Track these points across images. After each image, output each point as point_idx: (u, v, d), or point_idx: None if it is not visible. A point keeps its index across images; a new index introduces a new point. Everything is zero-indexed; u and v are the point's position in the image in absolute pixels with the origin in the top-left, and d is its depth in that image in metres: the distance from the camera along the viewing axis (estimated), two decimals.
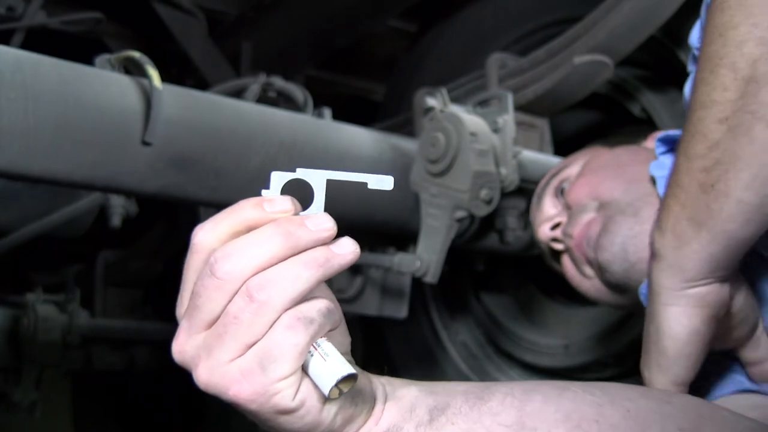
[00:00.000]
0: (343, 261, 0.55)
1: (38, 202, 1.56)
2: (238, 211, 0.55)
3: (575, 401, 0.63)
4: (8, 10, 1.65)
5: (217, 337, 0.54)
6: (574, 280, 1.11)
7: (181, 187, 1.19)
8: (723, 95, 0.70)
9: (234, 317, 0.53)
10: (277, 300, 0.53)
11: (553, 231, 1.12)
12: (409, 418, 0.61)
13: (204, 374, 0.55)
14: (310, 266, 0.54)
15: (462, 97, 1.60)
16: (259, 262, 0.53)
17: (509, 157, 1.39)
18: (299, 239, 0.54)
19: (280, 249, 0.53)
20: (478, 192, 1.33)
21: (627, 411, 0.63)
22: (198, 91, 1.27)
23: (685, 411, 0.65)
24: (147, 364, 2.11)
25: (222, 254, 0.53)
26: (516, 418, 0.61)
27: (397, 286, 1.60)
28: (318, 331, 0.54)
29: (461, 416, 0.61)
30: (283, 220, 0.54)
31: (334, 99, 1.67)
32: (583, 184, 1.09)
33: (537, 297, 1.87)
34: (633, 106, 1.65)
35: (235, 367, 0.54)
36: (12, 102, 0.99)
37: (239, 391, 0.54)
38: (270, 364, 0.53)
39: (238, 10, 2.12)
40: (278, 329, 0.53)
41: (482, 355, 1.85)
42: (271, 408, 0.55)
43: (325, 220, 0.55)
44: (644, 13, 1.41)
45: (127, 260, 2.09)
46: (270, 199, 0.56)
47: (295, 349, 0.53)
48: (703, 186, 0.72)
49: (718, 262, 0.74)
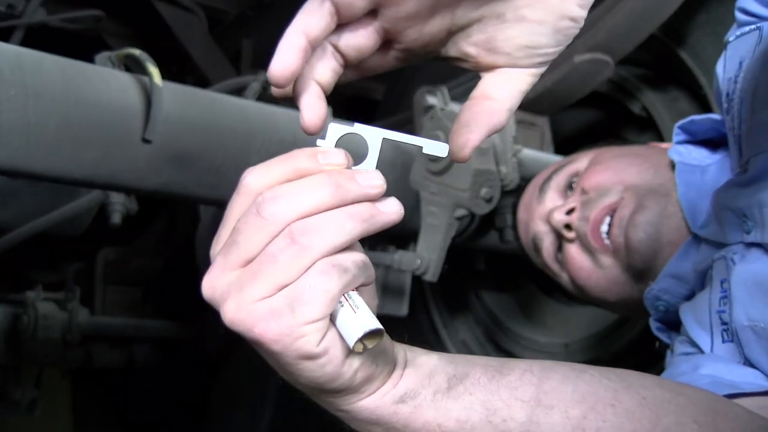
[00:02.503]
0: (388, 219, 0.56)
1: (38, 200, 1.56)
2: (292, 160, 0.56)
3: (592, 384, 0.63)
4: (8, 8, 1.64)
5: (251, 275, 0.53)
6: (581, 272, 1.07)
7: (181, 185, 1.19)
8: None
9: (272, 256, 0.53)
10: (318, 246, 0.53)
11: (568, 216, 1.08)
12: (427, 384, 0.61)
13: (231, 310, 0.54)
14: (354, 218, 0.54)
15: (462, 96, 1.60)
16: (306, 208, 0.53)
17: (509, 155, 1.39)
18: (348, 192, 0.54)
19: (328, 199, 0.54)
20: (478, 190, 1.33)
21: (643, 398, 0.63)
22: (198, 89, 1.27)
23: (700, 404, 0.65)
24: (147, 361, 2.11)
25: (271, 195, 0.54)
26: (533, 394, 0.61)
27: (398, 284, 1.60)
28: (351, 281, 0.54)
29: (479, 387, 0.61)
30: (334, 172, 0.55)
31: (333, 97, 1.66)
32: (603, 170, 1.07)
33: (537, 296, 1.87)
34: (633, 104, 1.65)
35: (264, 306, 0.53)
36: (12, 99, 0.99)
37: (265, 330, 0.53)
38: (300, 306, 0.53)
39: (239, 8, 2.12)
40: (312, 273, 0.53)
41: (482, 353, 1.85)
42: (294, 351, 0.54)
43: (375, 176, 0.55)
44: (644, 12, 1.41)
45: (127, 258, 2.09)
46: (324, 151, 0.56)
47: (326, 294, 0.53)
48: None
49: None
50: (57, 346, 1.89)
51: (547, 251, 1.14)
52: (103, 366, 2.06)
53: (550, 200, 1.13)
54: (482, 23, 0.57)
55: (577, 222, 1.07)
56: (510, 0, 0.56)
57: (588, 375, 0.64)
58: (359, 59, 0.58)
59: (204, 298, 0.56)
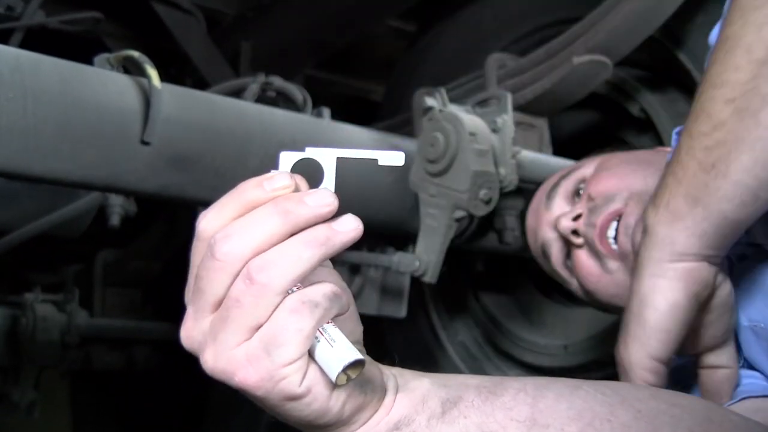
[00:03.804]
0: (345, 238, 0.53)
1: (37, 202, 1.56)
2: (240, 193, 0.55)
3: (587, 400, 0.63)
4: (7, 10, 1.64)
5: (221, 322, 0.53)
6: (590, 278, 1.08)
7: (180, 187, 1.19)
8: (734, 76, 0.69)
9: (236, 300, 0.52)
10: (277, 281, 0.52)
11: (575, 222, 1.08)
12: (421, 410, 0.60)
13: (210, 360, 0.54)
14: (310, 245, 0.52)
15: (461, 97, 1.60)
16: (258, 242, 0.52)
17: (508, 157, 1.39)
18: (298, 216, 0.53)
19: (279, 227, 0.52)
20: (477, 192, 1.33)
21: (638, 411, 0.62)
22: (197, 91, 1.27)
23: (695, 413, 0.65)
24: (146, 363, 2.11)
25: (221, 235, 0.53)
26: (529, 414, 0.61)
27: (396, 285, 1.60)
28: (324, 315, 0.53)
29: (474, 410, 0.61)
30: (281, 198, 0.53)
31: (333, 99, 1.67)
32: (610, 176, 1.07)
33: (536, 297, 1.87)
34: (632, 106, 1.65)
35: (240, 352, 0.53)
36: (11, 101, 0.99)
37: (245, 377, 0.53)
38: (275, 349, 0.52)
39: (237, 9, 2.12)
40: (282, 313, 0.52)
41: (481, 355, 1.85)
42: (277, 394, 0.54)
43: (324, 195, 0.53)
44: (643, 13, 1.41)
45: (126, 260, 2.09)
46: (269, 177, 0.54)
47: (300, 333, 0.52)
48: (702, 164, 0.72)
49: (709, 240, 0.74)
50: (56, 347, 1.89)
51: (556, 258, 1.14)
52: (102, 368, 2.06)
53: (557, 207, 1.14)
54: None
55: (584, 228, 1.07)
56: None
57: (583, 391, 0.63)
58: None
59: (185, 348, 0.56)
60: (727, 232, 0.74)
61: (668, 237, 0.75)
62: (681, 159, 0.74)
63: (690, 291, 0.76)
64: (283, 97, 1.49)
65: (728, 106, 0.70)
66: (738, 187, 0.70)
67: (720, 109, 0.70)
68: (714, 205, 0.72)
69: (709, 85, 0.72)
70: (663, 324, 0.76)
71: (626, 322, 0.79)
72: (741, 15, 0.70)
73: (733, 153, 0.70)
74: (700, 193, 0.72)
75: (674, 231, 0.75)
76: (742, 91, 0.69)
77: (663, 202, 0.76)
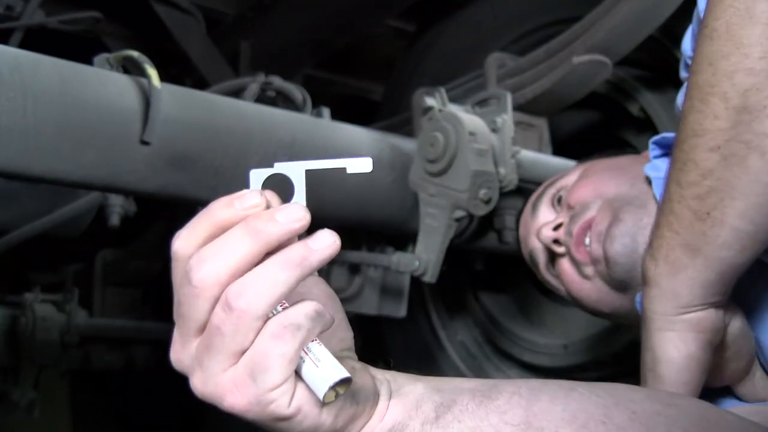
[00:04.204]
0: (322, 256, 0.52)
1: (37, 202, 1.56)
2: (211, 213, 0.54)
3: (582, 402, 0.62)
4: (7, 9, 1.64)
5: (206, 348, 0.53)
6: (573, 285, 1.09)
7: (180, 187, 1.19)
8: (714, 123, 0.70)
9: (217, 328, 0.52)
10: (256, 306, 0.52)
11: (556, 231, 1.10)
12: (414, 415, 0.60)
13: (199, 384, 0.55)
14: (286, 267, 0.52)
15: (461, 97, 1.60)
16: (233, 266, 0.52)
17: (508, 156, 1.39)
18: (270, 235, 0.52)
19: (251, 248, 0.52)
20: (476, 192, 1.33)
21: (633, 413, 0.62)
22: (197, 91, 1.27)
23: (690, 414, 0.65)
24: (146, 363, 2.11)
25: (195, 261, 0.52)
26: (523, 417, 0.61)
27: (396, 285, 1.60)
28: (307, 336, 0.53)
29: (468, 414, 0.61)
30: (251, 218, 0.53)
31: (332, 98, 1.67)
32: (586, 185, 1.08)
33: (536, 297, 1.87)
34: (631, 105, 1.65)
35: (227, 378, 0.53)
36: (11, 101, 0.99)
37: (234, 402, 0.54)
38: (260, 374, 0.52)
39: (237, 9, 2.12)
40: (265, 338, 0.52)
41: (481, 354, 1.85)
42: (267, 416, 0.54)
43: (294, 210, 0.53)
44: (643, 13, 1.41)
45: (126, 260, 2.09)
46: (240, 196, 0.54)
47: (283, 358, 0.52)
48: (698, 214, 0.72)
49: (713, 287, 0.75)
50: (55, 347, 1.89)
51: (542, 266, 1.15)
52: (102, 368, 2.06)
53: (542, 216, 1.15)
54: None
55: (564, 237, 1.08)
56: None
57: (577, 393, 0.63)
58: None
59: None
60: (729, 277, 0.74)
61: (671, 290, 0.76)
62: (674, 209, 0.74)
63: (701, 340, 0.76)
64: (282, 97, 1.49)
65: (714, 154, 0.70)
66: (736, 233, 0.71)
67: (706, 157, 0.71)
68: (714, 253, 0.72)
69: (690, 133, 0.72)
70: (680, 378, 0.77)
71: (643, 377, 0.80)
72: (709, 63, 0.70)
73: (726, 200, 0.70)
74: (699, 243, 0.73)
75: (677, 283, 0.75)
76: (724, 139, 0.69)
77: (662, 254, 0.76)
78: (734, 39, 0.68)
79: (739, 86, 0.68)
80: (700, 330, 0.76)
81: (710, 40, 0.70)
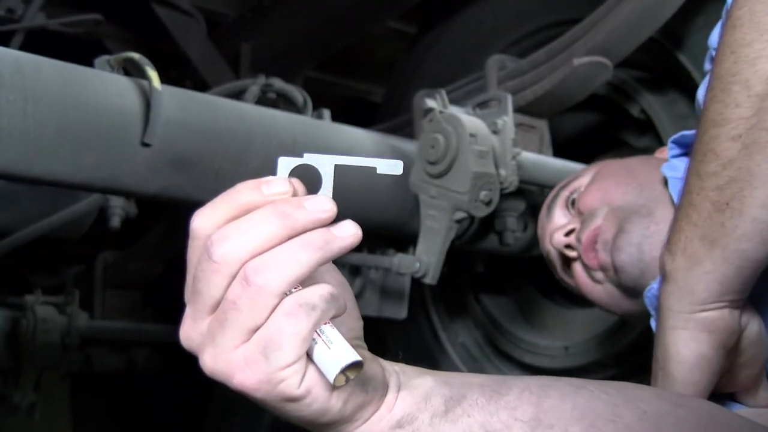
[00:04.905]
0: (344, 243, 0.53)
1: (38, 204, 1.56)
2: (236, 195, 0.55)
3: (591, 400, 0.62)
4: (8, 12, 1.64)
5: (219, 324, 0.53)
6: (586, 288, 1.09)
7: (181, 189, 1.19)
8: (736, 112, 0.69)
9: (233, 303, 0.52)
10: (274, 283, 0.52)
11: (567, 237, 1.10)
12: (424, 407, 0.60)
13: (209, 361, 0.54)
14: (308, 248, 0.52)
15: (461, 99, 1.60)
16: (256, 244, 0.52)
17: (509, 158, 1.39)
18: (296, 221, 0.52)
19: (277, 230, 0.52)
20: (477, 193, 1.33)
21: (643, 412, 0.62)
22: (197, 93, 1.27)
23: (699, 415, 0.65)
24: (146, 365, 2.11)
25: (218, 237, 0.53)
26: (533, 413, 0.60)
27: (397, 287, 1.60)
28: (321, 317, 0.53)
29: (477, 408, 0.60)
30: (280, 202, 0.53)
31: (333, 100, 1.67)
32: (595, 190, 1.08)
33: (536, 298, 1.87)
34: (632, 107, 1.65)
35: (238, 355, 0.53)
36: (11, 104, 0.99)
37: (244, 379, 0.53)
38: (273, 352, 0.52)
39: (237, 11, 2.12)
40: (279, 316, 0.52)
41: (482, 356, 1.85)
42: (276, 396, 0.54)
43: (324, 201, 0.53)
44: (643, 14, 1.41)
45: (127, 262, 2.09)
46: (267, 181, 0.54)
47: (297, 336, 0.52)
48: (717, 204, 0.71)
49: (730, 284, 0.73)
50: (56, 349, 1.89)
51: (558, 268, 1.16)
52: (103, 370, 2.06)
53: (556, 219, 1.15)
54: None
55: (575, 242, 1.09)
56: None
57: (587, 391, 0.63)
58: None
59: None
60: (747, 274, 0.73)
61: (687, 285, 0.74)
62: (693, 200, 0.73)
63: (715, 342, 0.75)
64: (283, 99, 1.49)
65: (735, 143, 0.69)
66: (756, 223, 0.69)
67: (727, 146, 0.70)
68: (732, 245, 0.71)
69: (710, 123, 0.71)
70: (690, 377, 0.76)
71: (654, 374, 0.79)
72: (732, 52, 0.70)
73: (747, 189, 0.69)
74: (717, 234, 0.71)
75: (693, 277, 0.74)
76: (746, 127, 0.68)
77: (679, 248, 0.74)
78: (758, 26, 0.67)
79: (762, 73, 0.67)
80: (714, 330, 0.75)
81: (733, 29, 0.69)
